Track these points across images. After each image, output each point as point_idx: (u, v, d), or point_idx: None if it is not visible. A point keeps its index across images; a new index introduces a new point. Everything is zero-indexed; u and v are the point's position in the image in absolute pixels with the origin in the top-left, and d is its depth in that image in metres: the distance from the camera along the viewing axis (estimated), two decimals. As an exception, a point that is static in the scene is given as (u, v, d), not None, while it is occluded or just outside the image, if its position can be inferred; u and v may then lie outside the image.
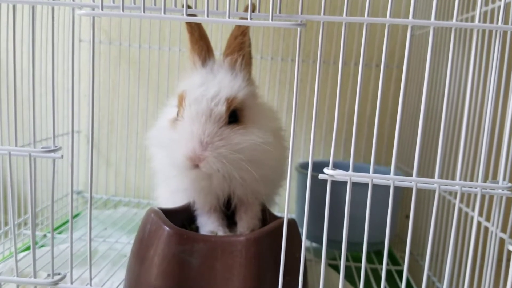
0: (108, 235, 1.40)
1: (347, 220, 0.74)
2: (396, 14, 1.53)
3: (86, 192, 1.75)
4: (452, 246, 0.76)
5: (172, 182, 1.02)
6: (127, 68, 1.66)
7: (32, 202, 0.82)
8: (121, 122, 1.73)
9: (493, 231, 0.83)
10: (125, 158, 1.72)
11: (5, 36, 1.11)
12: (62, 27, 1.52)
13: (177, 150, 0.87)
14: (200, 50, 0.97)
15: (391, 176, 0.74)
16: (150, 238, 0.88)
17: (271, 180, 1.02)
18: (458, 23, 0.70)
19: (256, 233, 0.87)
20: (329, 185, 0.75)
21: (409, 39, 0.71)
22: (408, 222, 0.75)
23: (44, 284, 0.82)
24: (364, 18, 0.70)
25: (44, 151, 0.78)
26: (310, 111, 1.63)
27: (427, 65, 0.71)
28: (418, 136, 0.72)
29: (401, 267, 1.31)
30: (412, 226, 0.75)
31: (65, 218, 1.57)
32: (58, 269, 0.83)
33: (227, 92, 0.90)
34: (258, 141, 0.89)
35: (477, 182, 0.74)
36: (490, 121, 0.74)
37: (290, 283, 0.82)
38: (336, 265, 1.30)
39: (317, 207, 0.87)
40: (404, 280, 0.76)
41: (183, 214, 1.02)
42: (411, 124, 1.53)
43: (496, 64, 0.73)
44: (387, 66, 1.56)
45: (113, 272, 1.12)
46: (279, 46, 1.64)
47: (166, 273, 0.84)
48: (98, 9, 0.74)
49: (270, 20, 0.71)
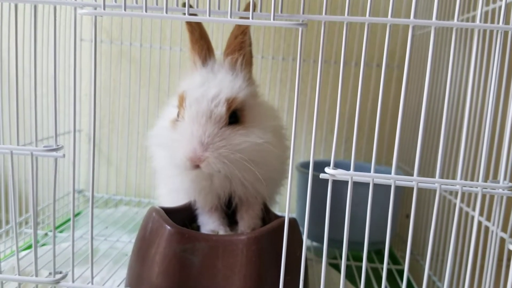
0: (109, 234, 1.40)
1: (348, 220, 0.74)
2: (397, 13, 1.53)
3: (87, 191, 1.75)
4: (453, 245, 0.76)
5: (173, 182, 1.02)
6: (128, 67, 1.67)
7: (34, 201, 0.82)
8: (122, 121, 1.73)
9: (494, 230, 0.83)
10: (126, 157, 1.72)
11: (6, 35, 1.11)
12: (63, 26, 1.52)
13: (178, 150, 0.87)
14: (200, 49, 0.97)
15: (392, 176, 0.74)
16: (151, 237, 0.88)
17: (272, 179, 1.02)
18: (459, 23, 0.70)
19: (257, 232, 0.87)
20: (330, 184, 0.75)
21: (410, 39, 0.71)
22: (408, 222, 0.75)
23: (45, 282, 0.82)
24: (366, 18, 0.70)
25: (46, 150, 0.78)
26: (310, 110, 1.63)
27: (428, 65, 0.71)
28: (419, 136, 0.72)
29: (402, 267, 1.31)
30: (413, 226, 0.75)
31: (66, 217, 1.57)
32: (59, 268, 0.84)
33: (227, 92, 0.90)
34: (258, 141, 0.89)
35: (477, 182, 0.74)
36: (491, 121, 0.74)
37: (291, 282, 0.82)
38: (337, 264, 1.30)
39: (317, 206, 0.87)
40: (405, 281, 0.76)
41: (184, 213, 1.03)
42: (412, 123, 1.53)
43: (497, 64, 0.73)
44: (388, 66, 1.56)
45: (114, 271, 1.13)
46: (280, 45, 1.64)
47: (167, 271, 0.84)
48: (100, 8, 0.74)
49: (272, 19, 0.71)
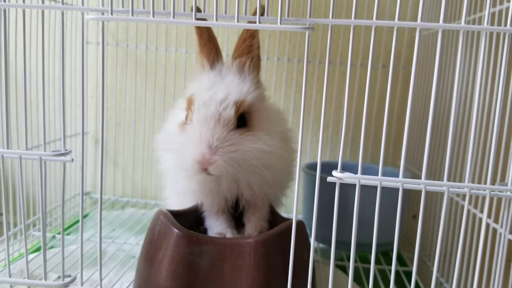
0: (117, 236, 1.41)
1: (355, 223, 0.74)
2: (403, 14, 1.53)
3: (94, 193, 1.76)
4: (461, 247, 0.76)
5: (180, 184, 1.02)
6: (134, 69, 1.67)
7: (42, 204, 0.82)
8: (128, 123, 1.74)
9: (502, 232, 0.83)
10: (132, 159, 1.73)
11: (13, 39, 1.12)
12: (69, 29, 1.53)
13: (186, 154, 0.87)
14: (208, 52, 0.97)
15: (400, 179, 0.74)
16: (159, 240, 0.89)
17: (279, 181, 1.02)
18: (467, 25, 0.70)
19: (265, 235, 0.87)
20: (337, 188, 0.75)
21: (417, 42, 0.71)
22: (415, 222, 0.75)
23: (55, 286, 0.83)
24: (372, 21, 0.70)
25: (54, 154, 0.79)
26: (316, 111, 1.63)
27: (436, 67, 0.71)
28: (427, 139, 0.72)
29: (409, 268, 1.31)
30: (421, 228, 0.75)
31: (72, 220, 1.58)
32: (67, 271, 0.84)
33: (235, 95, 0.90)
34: (266, 148, 0.89)
35: (485, 185, 0.74)
36: (498, 123, 0.74)
37: (298, 285, 0.82)
38: (344, 266, 1.30)
39: (323, 208, 0.87)
40: (413, 283, 0.76)
41: (191, 216, 1.03)
42: (418, 124, 1.53)
43: (504, 66, 0.73)
44: (394, 67, 1.56)
45: (122, 273, 1.13)
46: (286, 47, 1.64)
47: (175, 274, 0.85)
48: (107, 13, 0.75)
49: (279, 23, 0.72)
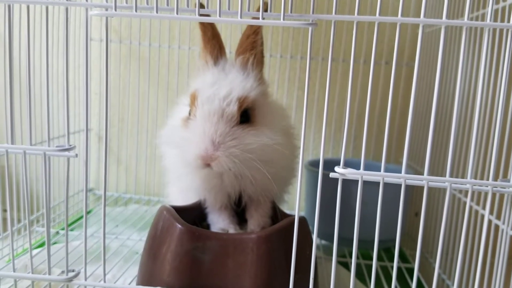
0: (120, 232, 1.41)
1: (358, 219, 0.74)
2: (406, 11, 1.53)
3: (97, 189, 1.77)
4: (463, 244, 0.76)
5: (183, 180, 1.03)
6: (137, 66, 1.68)
7: (47, 200, 0.83)
8: (131, 120, 1.74)
9: (504, 229, 0.84)
10: (136, 156, 1.73)
11: (17, 35, 1.12)
12: (73, 26, 1.54)
13: (189, 149, 0.88)
14: (212, 49, 0.98)
15: (402, 175, 0.74)
16: (162, 235, 0.89)
17: (282, 178, 1.02)
18: (470, 22, 0.70)
19: (267, 230, 0.88)
20: (340, 184, 0.75)
21: (420, 39, 0.71)
22: (417, 219, 0.75)
23: (59, 281, 0.83)
24: (376, 17, 0.70)
25: (58, 150, 0.79)
26: (319, 108, 1.63)
27: (439, 64, 0.71)
28: (429, 136, 0.72)
29: (411, 265, 1.31)
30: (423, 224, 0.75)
31: (76, 216, 1.58)
32: (71, 266, 0.85)
33: (239, 91, 0.91)
34: (269, 142, 0.89)
35: (488, 181, 0.74)
36: (501, 119, 0.74)
37: (301, 281, 0.83)
38: (346, 262, 1.31)
39: (325, 204, 0.88)
40: (415, 280, 0.77)
41: (194, 212, 1.03)
42: (420, 121, 1.53)
43: (507, 63, 0.73)
44: (397, 64, 1.55)
45: (125, 269, 1.14)
46: (288, 44, 1.64)
47: (178, 269, 0.85)
48: (111, 9, 0.75)
49: (282, 19, 0.72)
